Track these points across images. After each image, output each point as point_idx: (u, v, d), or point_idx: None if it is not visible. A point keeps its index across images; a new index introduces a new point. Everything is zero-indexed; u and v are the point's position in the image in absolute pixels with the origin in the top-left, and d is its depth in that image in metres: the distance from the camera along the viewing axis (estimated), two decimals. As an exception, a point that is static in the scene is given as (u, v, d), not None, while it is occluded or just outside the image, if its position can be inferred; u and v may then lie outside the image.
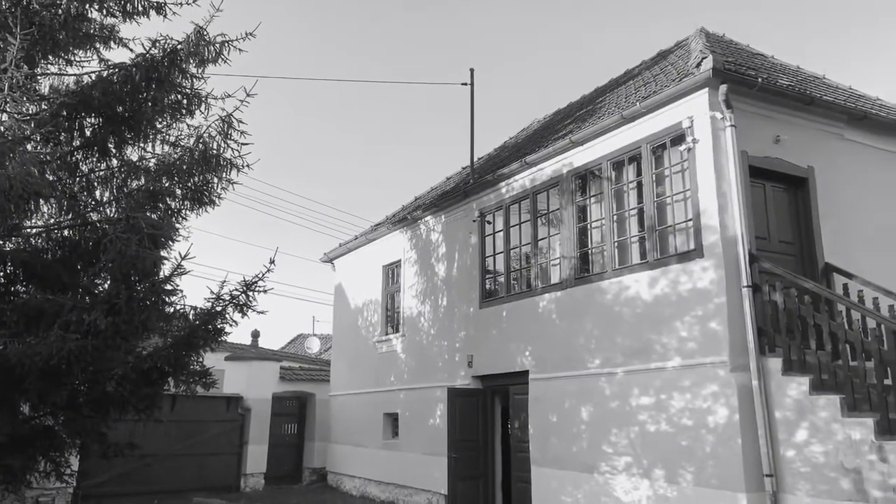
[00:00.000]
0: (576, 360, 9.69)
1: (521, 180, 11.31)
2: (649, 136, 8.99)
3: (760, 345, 7.60)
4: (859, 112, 9.52)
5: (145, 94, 7.52)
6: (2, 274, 7.39)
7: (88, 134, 7.76)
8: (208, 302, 7.55)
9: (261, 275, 7.67)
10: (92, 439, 7.68)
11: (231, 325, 7.65)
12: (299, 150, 65.06)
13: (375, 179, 65.77)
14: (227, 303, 7.56)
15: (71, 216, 7.82)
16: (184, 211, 8.13)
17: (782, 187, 9.03)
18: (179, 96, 7.85)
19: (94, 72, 7.80)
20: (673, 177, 8.75)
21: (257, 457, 16.70)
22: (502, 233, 11.74)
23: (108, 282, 7.19)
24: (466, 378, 12.11)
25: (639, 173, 9.20)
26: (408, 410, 13.84)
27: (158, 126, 8.02)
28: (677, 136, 8.62)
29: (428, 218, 14.03)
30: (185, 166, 7.75)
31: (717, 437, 7.64)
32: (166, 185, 7.80)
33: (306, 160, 65.74)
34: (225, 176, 8.11)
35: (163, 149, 8.15)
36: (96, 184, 8.08)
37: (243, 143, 7.98)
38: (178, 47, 7.45)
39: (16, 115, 6.48)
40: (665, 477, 8.18)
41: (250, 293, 7.61)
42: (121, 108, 7.57)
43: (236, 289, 7.60)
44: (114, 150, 7.98)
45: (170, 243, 7.52)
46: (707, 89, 8.25)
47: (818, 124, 9.31)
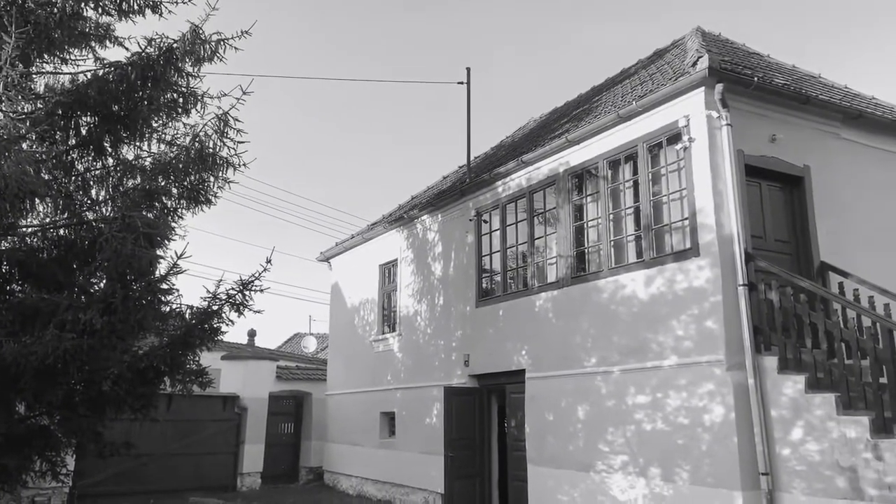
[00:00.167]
0: (572, 358, 9.70)
1: (518, 179, 11.32)
2: (645, 135, 9.00)
3: (756, 343, 7.62)
4: (855, 111, 9.54)
5: (141, 92, 7.51)
6: (-3, 273, 7.37)
7: (84, 133, 7.74)
8: (205, 301, 7.57)
9: (257, 274, 7.68)
10: (88, 439, 7.66)
11: (227, 325, 7.67)
12: (296, 149, 65.03)
13: (372, 178, 65.78)
14: (224, 302, 7.57)
15: (66, 215, 7.81)
16: (180, 210, 8.12)
17: (778, 186, 9.05)
18: (175, 95, 7.84)
19: (89, 70, 7.78)
20: (669, 176, 8.76)
21: (254, 456, 16.68)
22: (499, 232, 11.75)
23: (104, 281, 7.18)
24: (463, 377, 12.12)
25: (635, 172, 9.21)
26: (404, 409, 13.84)
27: (154, 125, 8.00)
28: (673, 135, 8.63)
29: (424, 217, 14.02)
30: (181, 165, 7.74)
31: (714, 435, 7.66)
32: (162, 183, 7.79)
33: (303, 159, 65.71)
34: (221, 175, 8.10)
35: (159, 148, 8.14)
36: (92, 183, 8.07)
37: (240, 142, 7.98)
38: (174, 46, 7.43)
39: (11, 114, 6.47)
40: (661, 475, 8.19)
41: (247, 292, 7.63)
42: (116, 107, 7.55)
43: (233, 288, 7.61)
44: (109, 149, 7.97)
45: (166, 242, 7.52)
46: (703, 88, 8.25)
47: (814, 123, 9.33)
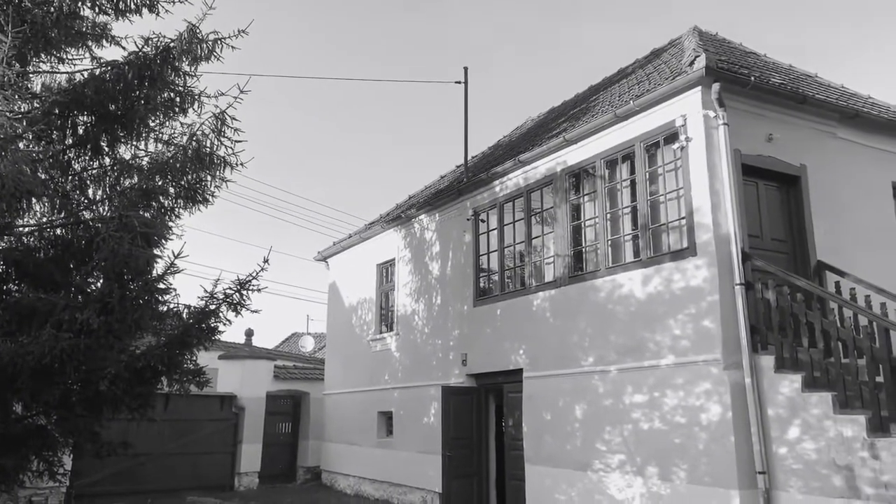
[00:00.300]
0: (570, 358, 9.71)
1: (515, 179, 11.32)
2: (643, 135, 9.01)
3: (753, 342, 7.63)
4: (851, 110, 9.56)
5: (138, 92, 7.50)
6: (-6, 273, 7.36)
7: (81, 132, 7.74)
8: (202, 300, 7.56)
9: (255, 273, 7.68)
10: (85, 438, 7.65)
11: (225, 324, 7.66)
12: (294, 148, 64.98)
13: (371, 178, 65.75)
14: (221, 301, 7.57)
15: (63, 215, 7.80)
16: (177, 209, 8.12)
17: (775, 185, 9.07)
18: (172, 94, 7.83)
19: (86, 70, 7.78)
20: (666, 175, 8.77)
21: (251, 456, 16.67)
22: (496, 231, 11.75)
23: (101, 280, 7.17)
24: (461, 376, 12.12)
25: (632, 172, 9.22)
26: (402, 409, 13.84)
27: (151, 124, 8.00)
28: (670, 135, 8.64)
29: (422, 216, 14.02)
30: (178, 164, 7.73)
31: (710, 434, 7.67)
32: (159, 183, 7.79)
33: (301, 159, 65.66)
34: (218, 174, 8.10)
35: (156, 147, 8.14)
36: (89, 182, 8.06)
37: (237, 141, 7.97)
38: (171, 45, 7.42)
39: (7, 114, 6.45)
40: (658, 474, 8.20)
41: (244, 292, 7.62)
42: (113, 107, 7.55)
43: (230, 287, 7.60)
44: (106, 149, 7.96)
45: (163, 242, 7.52)
46: (700, 88, 8.26)
47: (810, 123, 9.34)
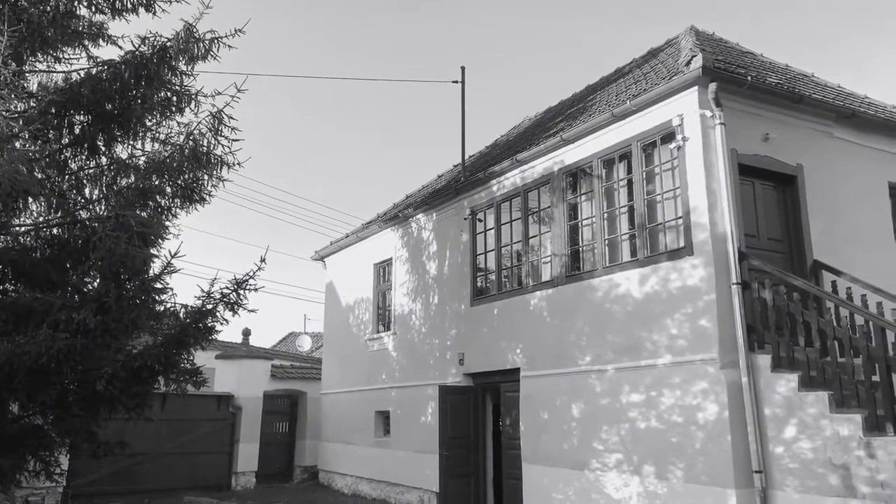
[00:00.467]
0: (567, 357, 9.72)
1: (513, 178, 11.33)
2: (639, 134, 9.02)
3: (750, 342, 7.65)
4: (847, 110, 9.58)
5: (135, 91, 7.48)
6: (-10, 272, 7.34)
7: (77, 132, 7.71)
8: (199, 300, 7.53)
9: (252, 273, 7.66)
10: (82, 438, 7.64)
11: (222, 324, 7.63)
12: (291, 148, 64.91)
13: (368, 178, 65.71)
14: (218, 301, 7.54)
15: (60, 214, 7.78)
16: (174, 209, 8.09)
17: (771, 185, 9.08)
18: (169, 93, 7.81)
19: (82, 69, 7.74)
20: (663, 175, 8.78)
21: (248, 455, 16.67)
22: (493, 231, 11.75)
23: (98, 280, 7.16)
24: (458, 376, 12.13)
25: (629, 171, 9.23)
26: (399, 408, 13.84)
27: (148, 123, 7.97)
28: (667, 134, 8.65)
29: (419, 216, 14.02)
30: (175, 164, 7.71)
31: (707, 433, 7.68)
32: (156, 182, 7.76)
33: (298, 158, 65.59)
34: (216, 173, 8.07)
35: (153, 146, 8.11)
36: (85, 182, 8.04)
37: (234, 140, 7.95)
38: (168, 44, 7.40)
39: (4, 113, 6.43)
40: (655, 473, 8.22)
41: (241, 291, 7.60)
42: (110, 106, 7.52)
43: (227, 287, 7.58)
44: (103, 148, 7.94)
45: (160, 241, 7.48)
46: (697, 87, 8.28)
47: (807, 122, 9.36)
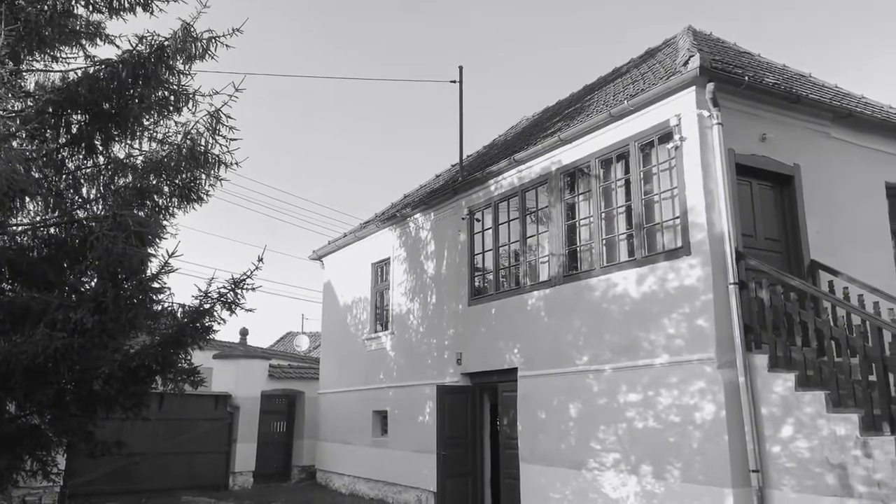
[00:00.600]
0: (564, 357, 9.73)
1: (510, 178, 11.33)
2: (637, 134, 9.03)
3: (747, 341, 7.66)
4: (844, 110, 9.60)
5: (132, 90, 7.47)
6: (-13, 272, 7.33)
7: (75, 131, 7.70)
8: (196, 300, 7.53)
9: (249, 272, 7.66)
10: (79, 438, 7.63)
11: (219, 323, 7.63)
12: (290, 147, 64.86)
13: (366, 177, 65.69)
14: (216, 300, 7.54)
15: (57, 214, 7.77)
16: (171, 208, 8.08)
17: (768, 185, 9.10)
18: (167, 93, 7.80)
19: (80, 68, 7.73)
20: (660, 174, 8.79)
21: (246, 455, 16.66)
22: (491, 230, 11.76)
23: (95, 280, 7.15)
24: (455, 375, 12.13)
25: (627, 171, 9.24)
26: (397, 408, 13.84)
27: (146, 123, 7.97)
28: (665, 134, 8.66)
29: (417, 215, 14.03)
30: (172, 163, 7.70)
31: (704, 433, 7.70)
32: (154, 182, 7.75)
33: (296, 158, 65.55)
34: (213, 172, 8.07)
35: (150, 146, 8.10)
36: (83, 181, 8.03)
37: (232, 139, 7.95)
38: (165, 44, 7.40)
39: (1, 112, 6.43)
40: (653, 473, 8.23)
41: (239, 291, 7.60)
42: (107, 105, 7.52)
43: (224, 286, 7.58)
44: (100, 148, 7.93)
45: (157, 241, 7.48)
46: (694, 87, 8.29)
47: (804, 122, 9.37)
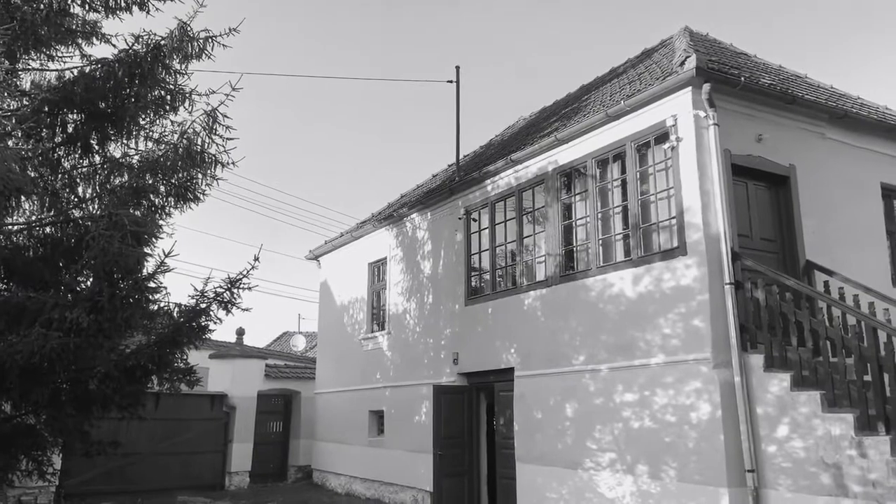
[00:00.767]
0: (560, 357, 9.74)
1: (507, 178, 11.34)
2: (634, 135, 9.04)
3: (742, 341, 7.67)
4: (840, 111, 9.62)
5: (128, 89, 7.47)
6: (-18, 271, 7.32)
7: (71, 130, 7.70)
8: (192, 299, 7.54)
9: (245, 272, 7.67)
10: (75, 437, 7.63)
11: (215, 323, 7.65)
12: (286, 147, 64.79)
13: (362, 177, 65.64)
14: (212, 300, 7.55)
15: (53, 213, 7.77)
16: (168, 207, 8.09)
17: (764, 185, 9.11)
18: (163, 92, 7.80)
19: (76, 67, 7.73)
20: (657, 175, 8.80)
21: (242, 455, 16.63)
22: (488, 230, 11.76)
23: (91, 279, 7.15)
24: (452, 375, 12.13)
25: (623, 171, 9.25)
26: (393, 408, 13.84)
27: (142, 122, 7.97)
28: (661, 135, 8.67)
29: (414, 215, 14.02)
30: (169, 162, 7.71)
31: (700, 433, 7.71)
32: (150, 181, 7.76)
33: (293, 157, 65.47)
34: (210, 172, 8.08)
35: (146, 145, 8.11)
36: (79, 180, 8.03)
37: (228, 139, 7.96)
38: (162, 43, 7.40)
39: (-4, 111, 6.43)
40: (648, 473, 8.24)
41: (235, 290, 7.61)
42: (103, 105, 7.51)
43: (221, 286, 7.59)
44: (96, 147, 7.93)
45: (153, 240, 7.48)
46: (690, 88, 8.30)
47: (800, 123, 9.39)
